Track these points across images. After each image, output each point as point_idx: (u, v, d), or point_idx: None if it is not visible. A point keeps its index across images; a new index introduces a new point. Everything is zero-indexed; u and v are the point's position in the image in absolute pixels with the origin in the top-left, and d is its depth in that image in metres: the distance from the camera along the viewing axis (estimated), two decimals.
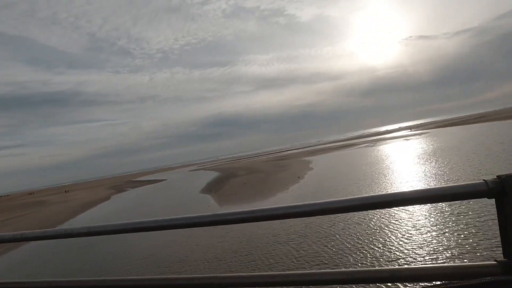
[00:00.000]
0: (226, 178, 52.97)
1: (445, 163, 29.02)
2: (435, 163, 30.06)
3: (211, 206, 28.80)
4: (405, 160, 35.94)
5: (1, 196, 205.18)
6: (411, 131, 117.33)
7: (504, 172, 1.15)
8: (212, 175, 68.16)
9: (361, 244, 13.26)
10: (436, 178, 23.49)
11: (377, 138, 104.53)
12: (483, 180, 1.17)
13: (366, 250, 12.56)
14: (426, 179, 23.74)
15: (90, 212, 40.08)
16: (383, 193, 1.33)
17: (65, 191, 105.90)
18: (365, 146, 73.64)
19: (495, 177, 1.16)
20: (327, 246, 13.74)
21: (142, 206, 38.27)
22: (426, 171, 26.91)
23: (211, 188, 42.87)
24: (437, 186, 1.26)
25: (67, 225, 31.80)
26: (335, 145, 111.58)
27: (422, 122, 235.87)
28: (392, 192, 1.30)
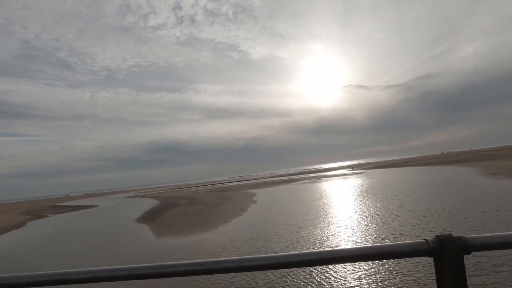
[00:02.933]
0: (165, 207, 49.91)
1: (376, 200, 31.15)
2: (368, 200, 32.08)
3: (143, 238, 26.48)
4: (342, 198, 37.80)
5: None
6: (353, 169, 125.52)
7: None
8: (151, 203, 63.87)
9: None
10: (368, 214, 24.88)
11: (319, 175, 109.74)
12: (424, 239, 1.28)
13: None
14: (359, 216, 24.99)
15: None
16: (325, 249, 1.33)
17: None
18: (308, 182, 76.50)
19: (434, 236, 1.28)
20: None
21: (63, 234, 33.65)
22: (359, 208, 28.44)
23: (148, 217, 39.83)
24: (380, 244, 1.31)
25: None
26: (279, 179, 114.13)
27: (358, 162, 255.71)
28: (334, 249, 1.30)
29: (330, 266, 13.64)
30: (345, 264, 13.85)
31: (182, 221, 33.11)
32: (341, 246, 17.69)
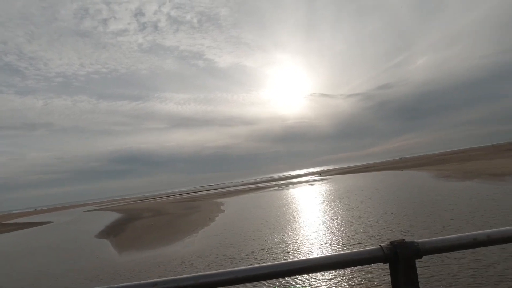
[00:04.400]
0: (129, 220, 47.52)
1: (340, 205, 32.09)
2: (333, 205, 32.94)
3: (104, 254, 24.86)
4: (309, 204, 38.46)
5: None
6: (321, 175, 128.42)
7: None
8: (113, 216, 60.55)
9: None
10: (333, 219, 25.48)
11: (287, 182, 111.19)
12: (379, 246, 1.33)
13: None
14: (326, 221, 25.53)
15: None
16: (283, 261, 1.32)
17: None
18: (276, 190, 77.09)
19: (389, 242, 1.34)
20: None
21: (9, 255, 30.60)
22: (325, 214, 29.07)
23: (110, 231, 37.61)
24: (338, 253, 1.33)
25: None
26: (247, 187, 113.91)
27: (324, 169, 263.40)
28: (291, 260, 1.31)
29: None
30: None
31: (147, 234, 31.65)
32: (310, 250, 17.84)
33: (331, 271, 13.21)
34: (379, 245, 1.33)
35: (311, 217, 28.49)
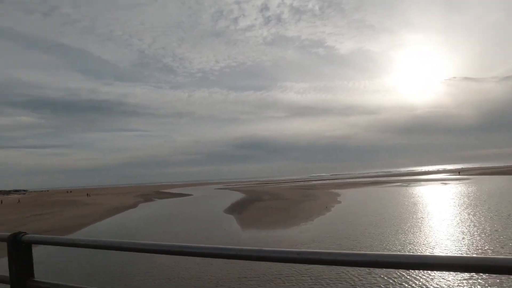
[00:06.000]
0: (250, 201, 52.63)
1: (484, 213, 26.73)
2: (473, 211, 27.77)
3: (230, 228, 28.55)
4: (439, 204, 33.64)
5: (42, 191, 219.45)
6: (459, 174, 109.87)
7: None
8: (238, 196, 68.10)
9: None
10: (471, 228, 21.63)
11: (412, 179, 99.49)
12: None
13: None
14: (462, 227, 21.92)
15: (116, 218, 41.35)
16: (421, 254, 1.29)
17: (87, 194, 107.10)
18: (399, 186, 70.27)
19: None
20: None
21: (167, 217, 38.89)
22: (462, 220, 24.90)
23: (235, 209, 42.71)
24: (481, 256, 1.18)
25: (93, 228, 32.94)
26: (365, 180, 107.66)
27: (463, 167, 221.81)
28: (430, 254, 1.28)
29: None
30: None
31: (266, 216, 34.47)
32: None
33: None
34: None
35: (441, 220, 25.07)
